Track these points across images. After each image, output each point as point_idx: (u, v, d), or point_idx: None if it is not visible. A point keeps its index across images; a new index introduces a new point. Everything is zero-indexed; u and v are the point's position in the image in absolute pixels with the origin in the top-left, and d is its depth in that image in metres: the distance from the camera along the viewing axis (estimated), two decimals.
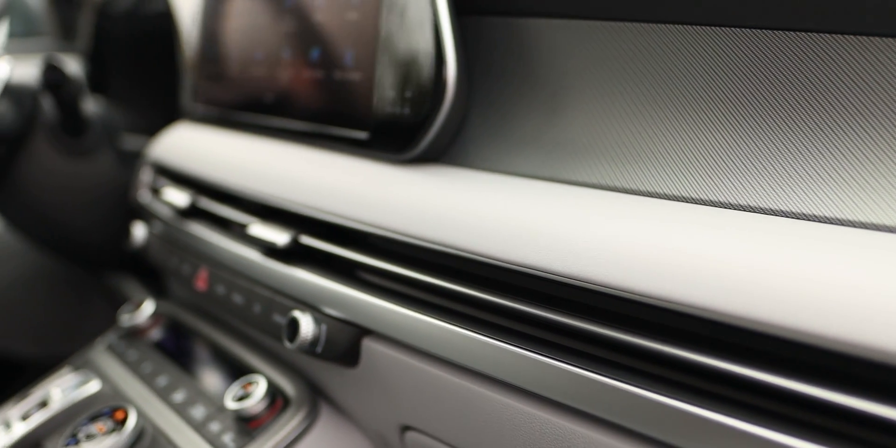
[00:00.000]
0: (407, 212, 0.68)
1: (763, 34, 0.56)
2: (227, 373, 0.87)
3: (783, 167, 0.53)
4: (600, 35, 0.67)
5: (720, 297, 0.44)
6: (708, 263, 0.46)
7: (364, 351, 0.71)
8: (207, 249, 0.92)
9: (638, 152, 0.63)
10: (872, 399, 0.39)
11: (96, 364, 1.00)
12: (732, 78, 0.57)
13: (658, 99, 0.62)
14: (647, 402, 0.48)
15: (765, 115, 0.55)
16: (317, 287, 0.74)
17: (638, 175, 0.62)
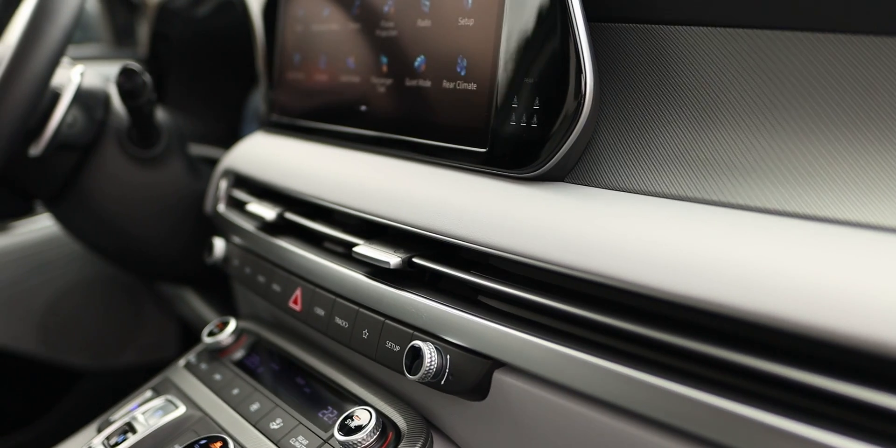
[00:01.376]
0: (542, 234, 0.63)
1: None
2: (327, 400, 0.82)
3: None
4: (756, 44, 0.61)
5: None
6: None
7: (495, 384, 0.65)
8: (303, 268, 0.87)
9: (807, 173, 0.57)
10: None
11: (178, 386, 0.96)
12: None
13: (833, 115, 0.57)
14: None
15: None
16: (439, 313, 0.69)
17: (807, 198, 0.56)
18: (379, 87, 0.88)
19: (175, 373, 0.99)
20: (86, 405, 1.95)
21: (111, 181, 1.24)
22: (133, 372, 2.01)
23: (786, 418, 0.46)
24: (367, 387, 0.81)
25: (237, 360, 0.95)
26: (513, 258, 0.64)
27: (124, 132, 1.23)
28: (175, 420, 0.87)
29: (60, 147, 1.16)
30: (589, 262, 0.58)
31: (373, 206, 0.80)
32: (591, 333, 0.59)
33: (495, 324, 0.64)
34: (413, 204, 0.76)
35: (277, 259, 0.92)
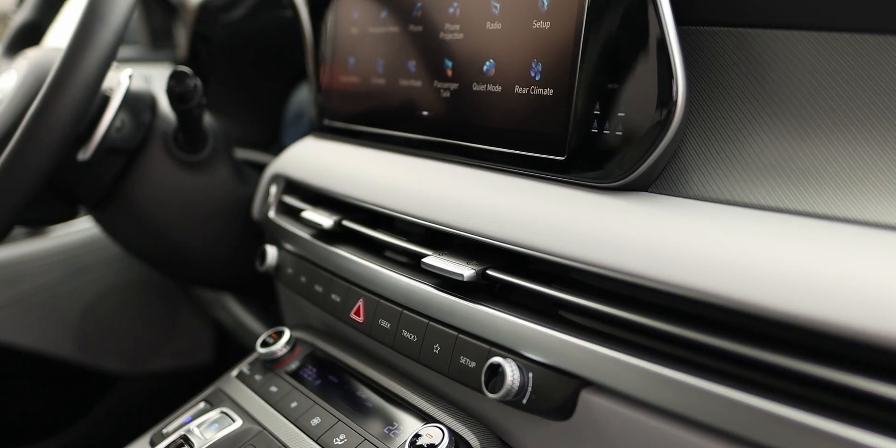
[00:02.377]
0: (633, 246, 0.60)
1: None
2: (392, 415, 0.79)
3: None
4: (859, 49, 0.58)
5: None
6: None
7: (581, 404, 0.62)
8: (366, 278, 0.85)
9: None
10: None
11: (233, 398, 0.93)
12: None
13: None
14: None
15: None
16: (519, 329, 0.66)
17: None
18: (443, 92, 0.86)
19: (228, 384, 0.96)
20: (121, 410, 1.94)
21: (157, 186, 1.22)
22: (167, 377, 1.99)
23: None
24: (435, 402, 0.78)
25: (292, 371, 0.93)
26: (600, 272, 0.61)
27: (171, 136, 1.21)
28: (233, 434, 0.85)
29: (108, 151, 1.14)
30: (689, 278, 0.55)
31: (441, 215, 0.78)
32: (688, 352, 0.56)
33: (583, 341, 0.61)
34: (485, 213, 0.73)
35: (336, 268, 0.90)
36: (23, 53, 1.21)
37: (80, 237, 1.85)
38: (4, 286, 1.73)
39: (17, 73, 1.16)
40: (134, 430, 1.22)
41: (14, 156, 0.93)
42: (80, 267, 1.84)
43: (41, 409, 1.88)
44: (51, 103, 0.91)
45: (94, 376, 1.92)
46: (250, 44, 1.67)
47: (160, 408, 1.83)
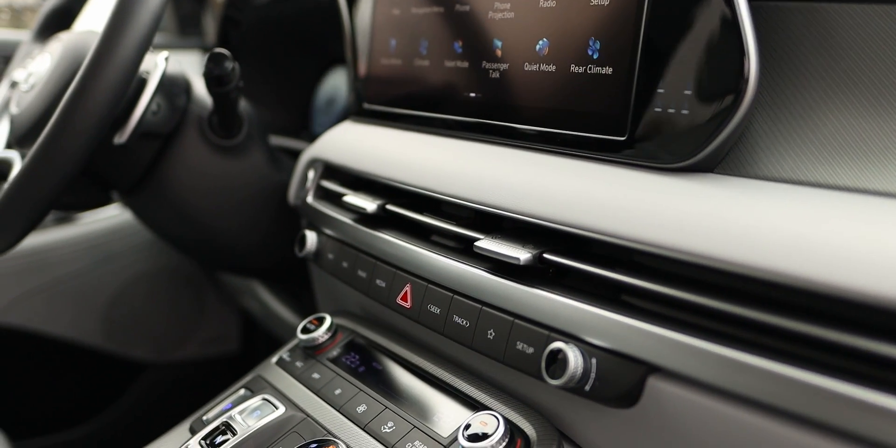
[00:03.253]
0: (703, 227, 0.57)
1: None
2: (441, 403, 0.77)
3: None
4: None
5: None
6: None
7: (648, 391, 0.60)
8: (413, 263, 0.83)
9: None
10: None
11: (274, 385, 0.91)
12: None
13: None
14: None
15: None
16: (581, 313, 0.64)
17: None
18: (491, 73, 0.84)
19: (268, 371, 0.95)
20: (149, 398, 1.93)
21: (191, 171, 1.20)
22: (194, 365, 1.99)
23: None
24: (486, 390, 0.76)
25: (334, 357, 0.91)
26: (667, 254, 0.59)
27: (206, 120, 1.19)
28: (276, 421, 0.83)
29: (143, 136, 1.13)
30: (764, 259, 0.53)
31: (493, 198, 0.76)
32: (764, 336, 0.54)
33: (651, 325, 0.59)
34: (541, 195, 0.71)
35: (381, 253, 0.88)
36: (55, 37, 1.19)
37: (108, 224, 1.84)
38: (34, 273, 1.73)
39: (51, 57, 1.14)
40: (162, 417, 1.20)
41: (51, 139, 0.91)
42: (108, 254, 1.83)
43: (71, 396, 1.88)
44: (89, 85, 0.90)
45: (122, 364, 1.91)
46: (281, 29, 1.65)
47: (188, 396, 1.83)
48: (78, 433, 1.88)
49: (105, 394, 1.92)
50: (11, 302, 1.71)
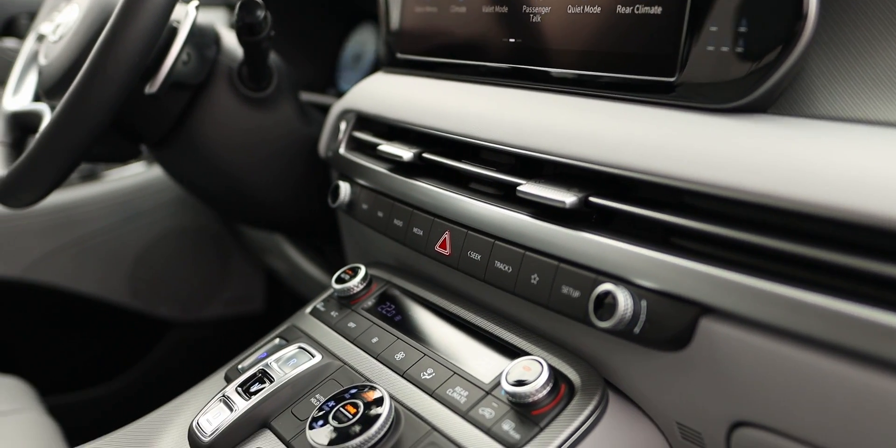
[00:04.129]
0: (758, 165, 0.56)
1: None
2: (482, 350, 0.77)
3: None
4: None
5: None
6: None
7: (700, 332, 0.59)
8: (452, 210, 0.82)
9: None
10: None
11: (309, 334, 0.91)
12: None
13: None
14: None
15: None
16: (630, 255, 0.62)
17: None
18: (532, 17, 0.81)
19: (303, 320, 0.94)
20: (175, 356, 1.94)
21: (221, 123, 1.19)
22: (220, 324, 1.99)
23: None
24: (527, 337, 0.76)
25: (369, 307, 0.90)
26: (720, 193, 0.57)
27: (235, 72, 1.17)
28: (313, 369, 0.82)
29: (173, 86, 1.11)
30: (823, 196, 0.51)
31: (536, 142, 0.74)
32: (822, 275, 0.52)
33: (704, 265, 0.57)
34: (587, 137, 0.70)
35: (418, 202, 0.87)
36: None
37: (134, 182, 1.84)
38: (61, 230, 1.73)
39: (79, 7, 1.13)
40: (187, 375, 1.20)
41: (82, 88, 0.90)
42: (134, 212, 1.83)
43: (99, 353, 1.89)
44: (120, 33, 0.88)
45: (148, 322, 1.92)
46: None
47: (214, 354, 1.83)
48: (106, 390, 1.90)
49: (132, 351, 1.94)
50: (39, 259, 1.72)
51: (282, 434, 0.77)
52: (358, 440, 0.68)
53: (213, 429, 0.79)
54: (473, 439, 0.67)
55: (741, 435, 0.60)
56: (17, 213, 1.66)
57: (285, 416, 0.79)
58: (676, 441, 0.68)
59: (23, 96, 1.25)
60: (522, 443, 0.65)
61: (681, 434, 0.67)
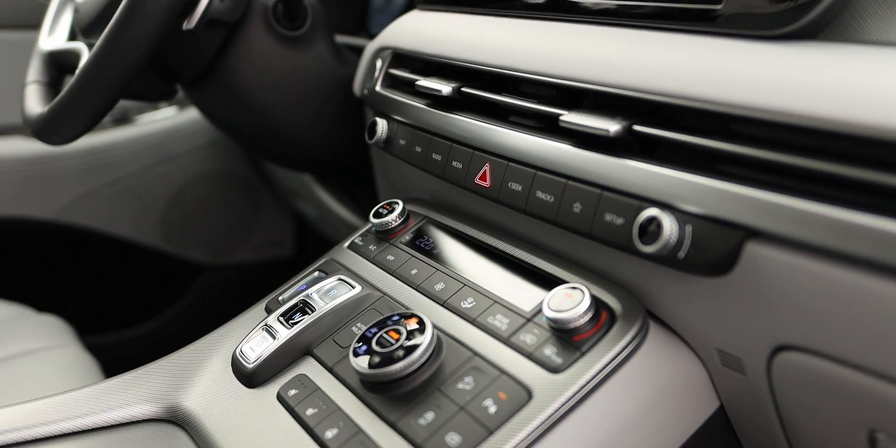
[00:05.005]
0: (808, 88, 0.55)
1: None
2: (521, 280, 0.77)
3: None
4: None
5: None
6: None
7: (744, 257, 0.59)
8: (492, 142, 0.82)
9: None
10: None
11: (348, 267, 0.92)
12: None
13: None
14: None
15: None
16: (674, 181, 0.63)
17: None
18: None
19: (341, 254, 0.95)
20: (205, 299, 1.97)
21: (256, 61, 1.19)
22: (249, 269, 2.02)
23: None
24: (567, 267, 0.76)
25: (407, 241, 0.91)
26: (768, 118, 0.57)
27: (271, 10, 1.17)
28: (353, 299, 0.84)
29: (209, 23, 1.11)
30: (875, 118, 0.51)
31: (577, 71, 0.74)
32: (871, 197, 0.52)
33: (751, 189, 0.57)
34: (630, 65, 0.69)
35: (457, 135, 0.87)
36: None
37: (165, 126, 1.85)
38: (95, 173, 1.75)
39: None
40: (219, 318, 1.23)
41: (120, 25, 0.91)
42: (165, 156, 1.85)
43: (133, 296, 1.92)
44: None
45: (181, 265, 1.95)
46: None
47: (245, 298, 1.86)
48: (139, 331, 1.93)
49: (165, 294, 1.97)
50: (74, 201, 1.74)
51: (324, 361, 0.79)
52: (401, 364, 0.69)
53: (256, 356, 0.81)
54: (516, 363, 0.68)
55: (782, 359, 0.61)
56: (52, 155, 1.68)
57: (327, 343, 0.80)
58: (715, 368, 0.69)
59: (58, 36, 1.26)
60: (564, 366, 0.66)
61: (720, 361, 0.67)
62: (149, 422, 0.82)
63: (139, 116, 1.84)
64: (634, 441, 0.68)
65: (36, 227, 1.74)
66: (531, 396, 0.65)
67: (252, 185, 1.99)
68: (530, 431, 0.63)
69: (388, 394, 0.71)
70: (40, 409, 0.81)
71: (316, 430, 0.71)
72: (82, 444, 0.78)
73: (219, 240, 1.99)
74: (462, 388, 0.68)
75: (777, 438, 0.68)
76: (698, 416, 0.71)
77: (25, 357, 1.32)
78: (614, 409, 0.66)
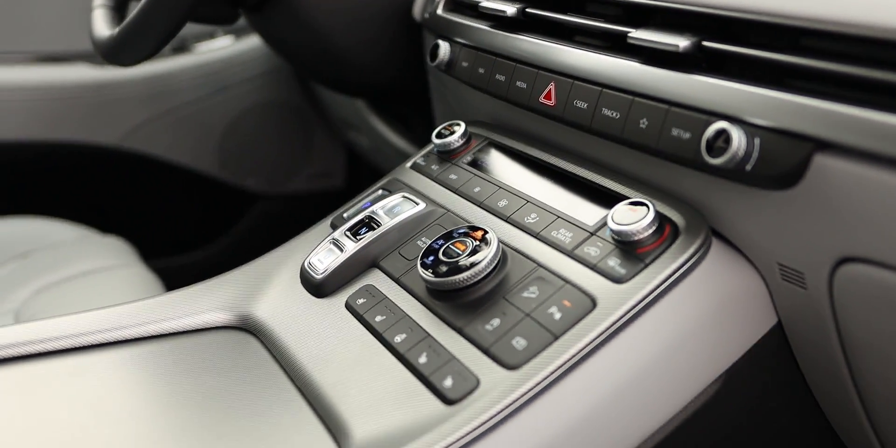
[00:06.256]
0: None
1: None
2: (585, 197, 0.79)
3: None
4: None
5: None
6: None
7: (813, 168, 0.60)
8: (557, 62, 0.83)
9: None
10: None
11: (411, 185, 0.94)
12: None
13: None
14: None
15: None
16: (744, 95, 0.63)
17: None
18: None
19: (403, 173, 0.97)
20: (259, 228, 2.01)
21: None
22: (303, 198, 2.05)
23: None
24: (630, 184, 0.77)
25: (470, 161, 0.93)
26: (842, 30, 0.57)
27: None
28: (417, 215, 0.86)
29: None
30: None
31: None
32: None
33: (823, 101, 0.58)
34: None
35: (522, 55, 0.88)
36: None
37: (222, 55, 1.88)
38: (155, 100, 1.78)
39: None
40: (271, 248, 1.26)
41: None
42: (222, 85, 1.87)
43: (190, 222, 1.97)
44: None
45: (236, 194, 1.99)
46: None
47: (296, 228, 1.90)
48: (195, 257, 1.99)
49: (221, 221, 2.01)
50: (135, 128, 1.78)
51: (390, 272, 0.81)
52: (468, 273, 0.72)
53: (324, 268, 0.84)
54: (580, 274, 0.70)
55: (845, 271, 0.62)
56: (114, 82, 1.71)
57: (393, 256, 0.83)
58: (775, 283, 0.70)
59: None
60: (628, 277, 0.67)
61: (781, 275, 0.69)
62: (221, 329, 0.86)
63: (196, 45, 1.86)
64: (692, 352, 0.70)
65: (100, 153, 1.78)
66: (595, 304, 0.67)
67: (305, 115, 2.01)
68: (594, 337, 0.65)
69: (454, 302, 0.73)
70: (119, 314, 0.85)
71: (385, 336, 0.74)
72: (160, 348, 0.82)
73: (273, 169, 2.02)
74: (527, 297, 0.70)
75: (834, 355, 0.69)
76: (756, 331, 0.72)
77: (93, 275, 1.37)
78: (675, 320, 0.68)
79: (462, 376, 0.66)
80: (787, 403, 0.78)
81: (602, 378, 0.66)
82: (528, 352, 0.65)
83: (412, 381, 0.69)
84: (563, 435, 0.65)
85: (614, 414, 0.67)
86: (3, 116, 1.71)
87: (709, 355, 0.71)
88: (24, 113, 1.72)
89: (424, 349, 0.70)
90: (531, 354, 0.65)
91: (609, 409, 0.67)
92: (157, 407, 0.75)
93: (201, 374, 0.77)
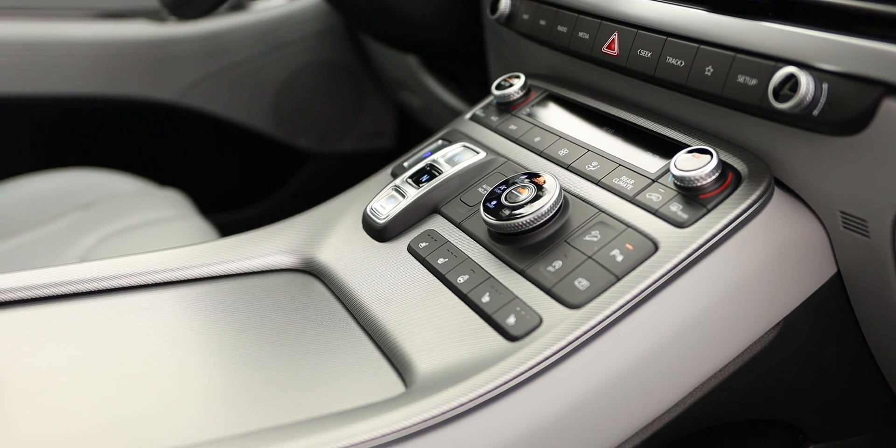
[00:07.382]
0: None
1: None
2: (646, 145, 0.80)
3: None
4: None
5: None
6: None
7: (881, 113, 0.60)
8: (620, 12, 0.83)
9: None
10: None
11: (471, 136, 0.95)
12: None
13: None
14: None
15: None
16: (812, 41, 0.64)
17: None
18: None
19: (463, 124, 0.99)
20: (311, 186, 2.04)
21: None
22: (353, 158, 2.07)
23: None
24: (692, 133, 0.78)
25: (529, 112, 0.94)
26: None
27: None
28: (478, 163, 0.87)
29: None
30: None
31: None
32: None
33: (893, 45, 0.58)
34: None
35: (584, 5, 0.88)
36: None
37: (277, 13, 1.89)
38: (212, 57, 1.81)
39: None
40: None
41: None
42: (277, 43, 1.89)
43: (245, 178, 2.01)
44: None
45: (289, 152, 2.02)
46: None
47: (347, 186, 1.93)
48: (249, 213, 2.02)
49: (273, 179, 2.05)
50: (193, 84, 1.81)
51: (452, 217, 0.83)
52: (530, 217, 0.73)
53: (386, 213, 0.86)
54: (641, 219, 0.71)
55: None
56: (173, 39, 1.74)
57: (454, 202, 0.85)
58: (837, 232, 0.70)
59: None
60: (690, 222, 0.68)
61: (843, 224, 0.69)
62: (285, 271, 0.88)
63: (253, 3, 1.88)
64: (751, 299, 0.71)
65: (158, 108, 1.82)
66: (657, 248, 0.68)
67: (358, 75, 2.03)
68: (656, 279, 0.66)
69: (515, 245, 0.75)
70: (186, 254, 0.87)
71: (448, 277, 0.76)
72: (227, 286, 0.85)
73: (325, 128, 2.05)
74: (589, 240, 0.71)
75: (892, 306, 0.70)
76: (815, 280, 0.73)
77: (153, 225, 1.41)
78: (735, 266, 0.69)
79: (525, 314, 0.68)
80: (841, 354, 0.79)
81: (662, 320, 0.67)
82: (591, 292, 0.67)
83: (475, 319, 0.71)
84: (623, 373, 0.66)
85: (673, 356, 0.68)
86: (66, 71, 1.75)
87: (767, 303, 0.71)
88: (85, 68, 1.76)
89: (487, 289, 0.72)
90: (594, 294, 0.67)
91: (668, 350, 0.68)
92: (227, 339, 0.77)
93: (268, 312, 0.80)
